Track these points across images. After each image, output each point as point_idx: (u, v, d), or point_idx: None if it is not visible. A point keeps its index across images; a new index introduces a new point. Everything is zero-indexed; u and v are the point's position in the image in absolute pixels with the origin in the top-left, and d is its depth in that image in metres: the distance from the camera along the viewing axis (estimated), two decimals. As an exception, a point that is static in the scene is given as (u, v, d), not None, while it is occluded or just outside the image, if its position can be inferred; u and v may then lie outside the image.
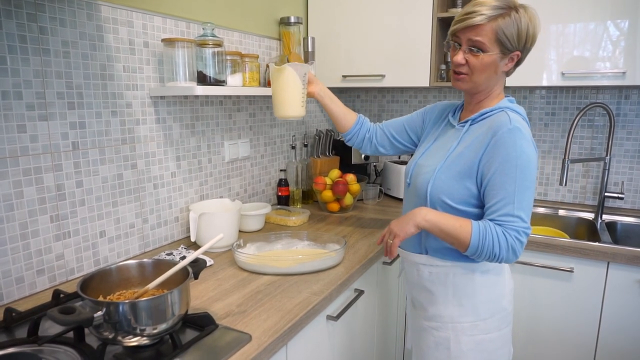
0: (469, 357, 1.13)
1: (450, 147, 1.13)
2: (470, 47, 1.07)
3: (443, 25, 2.02)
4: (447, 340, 1.14)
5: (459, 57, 1.09)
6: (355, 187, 1.97)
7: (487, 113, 1.11)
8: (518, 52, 1.08)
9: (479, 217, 1.08)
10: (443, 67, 2.05)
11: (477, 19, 1.04)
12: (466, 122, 1.15)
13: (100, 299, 0.95)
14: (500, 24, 1.04)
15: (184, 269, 0.97)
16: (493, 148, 1.03)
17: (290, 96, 1.36)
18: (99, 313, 0.82)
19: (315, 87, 1.42)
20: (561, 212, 2.07)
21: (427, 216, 1.07)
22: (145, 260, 1.04)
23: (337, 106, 1.45)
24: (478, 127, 1.11)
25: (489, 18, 1.04)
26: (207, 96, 1.66)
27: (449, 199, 1.10)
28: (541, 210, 2.12)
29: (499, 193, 1.01)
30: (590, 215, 2.01)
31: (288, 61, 1.86)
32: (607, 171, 1.96)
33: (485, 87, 1.13)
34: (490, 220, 1.02)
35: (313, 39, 1.99)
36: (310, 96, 1.43)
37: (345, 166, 2.23)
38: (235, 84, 1.54)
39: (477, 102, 1.16)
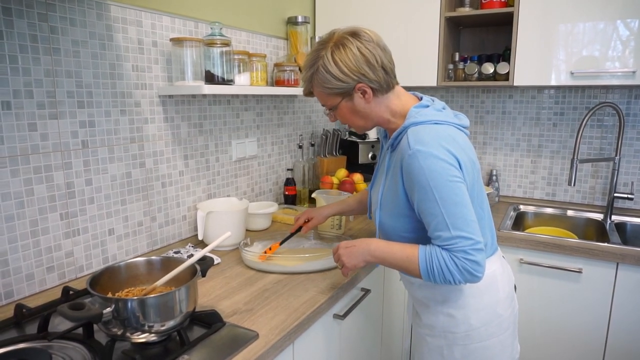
0: None
1: (382, 183, 1.11)
2: (328, 109, 1.11)
3: (451, 24, 2.02)
4: (440, 347, 1.12)
5: (331, 119, 1.14)
6: (362, 186, 1.97)
7: (398, 136, 1.06)
8: (360, 85, 1.02)
9: None
10: (450, 66, 2.05)
11: (304, 91, 1.11)
12: (390, 146, 1.10)
13: (109, 295, 0.96)
14: (319, 81, 1.04)
15: (192, 266, 0.98)
16: (406, 177, 1.00)
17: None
18: (108, 309, 0.83)
19: (319, 219, 1.42)
20: (570, 213, 2.06)
21: (374, 252, 1.07)
22: (153, 257, 1.05)
23: (352, 204, 1.45)
24: (396, 152, 1.06)
25: (309, 84, 1.08)
26: (214, 95, 1.66)
27: (404, 232, 1.08)
28: (549, 210, 2.10)
29: (431, 221, 0.97)
30: (599, 216, 2.00)
31: (295, 61, 1.87)
32: (616, 171, 1.94)
33: (372, 122, 1.11)
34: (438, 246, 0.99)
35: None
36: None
37: (352, 166, 2.23)
38: (242, 83, 1.55)
39: (386, 128, 1.14)
